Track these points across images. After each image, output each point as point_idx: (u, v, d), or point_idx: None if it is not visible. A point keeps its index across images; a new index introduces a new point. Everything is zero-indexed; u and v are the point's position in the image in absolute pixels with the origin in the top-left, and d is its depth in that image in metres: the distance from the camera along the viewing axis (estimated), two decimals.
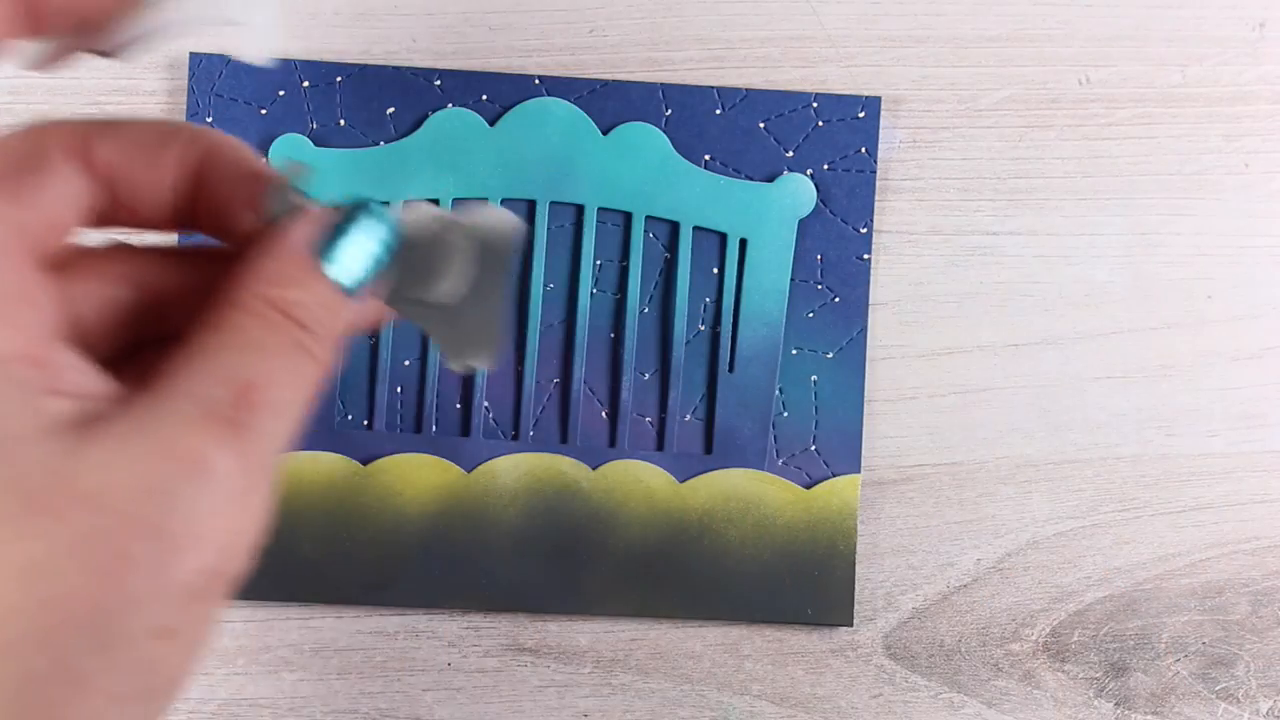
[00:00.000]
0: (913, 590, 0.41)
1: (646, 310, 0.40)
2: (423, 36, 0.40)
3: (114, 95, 0.39)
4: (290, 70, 0.39)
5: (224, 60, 0.39)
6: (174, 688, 0.26)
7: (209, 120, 0.39)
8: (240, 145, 0.30)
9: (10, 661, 0.24)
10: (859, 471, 0.40)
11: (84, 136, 0.29)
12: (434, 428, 0.40)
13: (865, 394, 0.41)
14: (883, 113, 0.41)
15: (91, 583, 0.25)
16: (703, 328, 0.40)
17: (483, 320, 0.35)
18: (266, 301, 0.28)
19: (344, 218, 0.29)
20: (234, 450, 0.26)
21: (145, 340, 0.30)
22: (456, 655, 0.40)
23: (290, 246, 0.28)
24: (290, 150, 0.39)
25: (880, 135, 0.40)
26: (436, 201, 0.39)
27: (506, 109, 0.39)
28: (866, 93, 0.40)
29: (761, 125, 0.40)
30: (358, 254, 0.29)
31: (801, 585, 0.39)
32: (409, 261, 0.33)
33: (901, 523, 0.41)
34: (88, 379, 0.26)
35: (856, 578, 0.41)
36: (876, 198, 0.40)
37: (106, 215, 0.30)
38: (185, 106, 0.40)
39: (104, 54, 0.31)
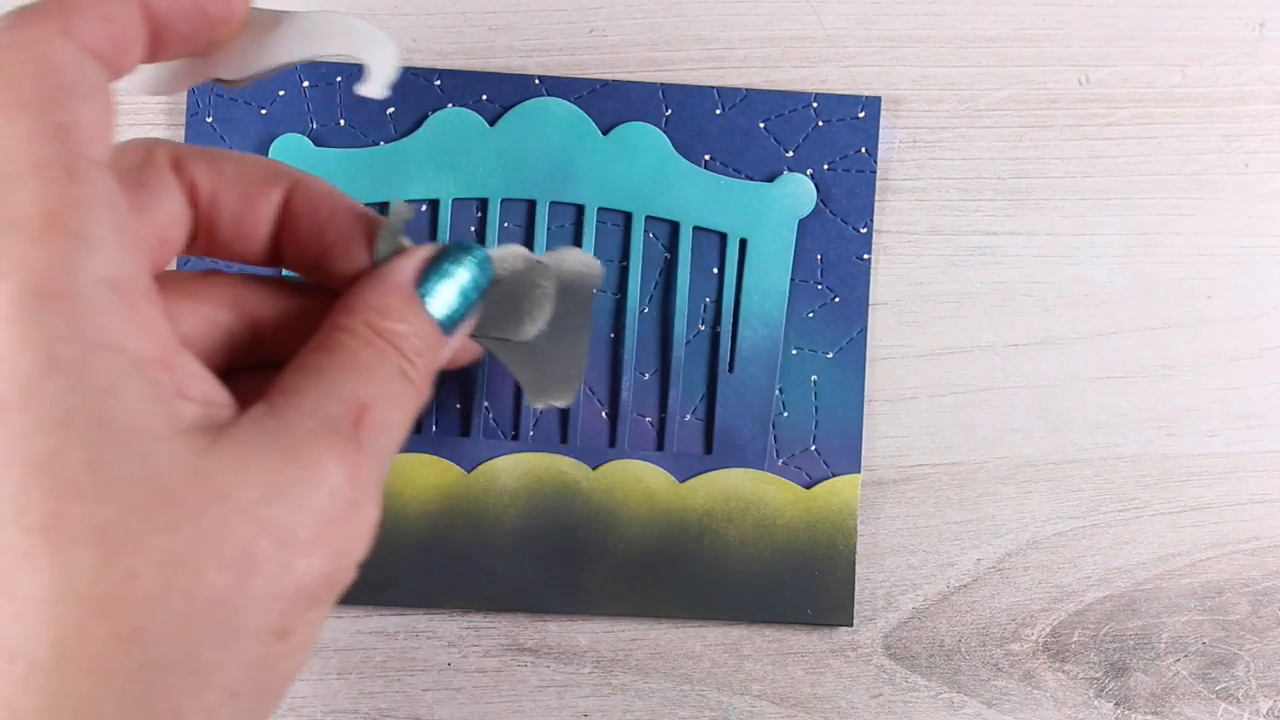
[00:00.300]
0: (913, 590, 0.41)
1: (646, 310, 0.40)
2: (422, 36, 0.40)
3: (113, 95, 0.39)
4: (290, 70, 0.39)
5: None
6: (282, 688, 0.28)
7: (209, 120, 0.39)
8: (335, 190, 0.32)
9: (141, 647, 0.25)
10: (859, 471, 0.40)
11: (186, 162, 0.31)
12: (434, 427, 0.40)
13: (865, 394, 0.41)
14: (883, 113, 0.41)
15: (221, 579, 0.26)
16: (703, 328, 0.40)
17: (565, 359, 0.36)
18: (374, 331, 0.30)
19: (441, 257, 0.32)
20: (351, 464, 0.27)
21: (238, 362, 0.32)
22: (456, 655, 0.40)
23: (396, 282, 0.31)
24: (290, 150, 0.39)
25: (880, 135, 0.40)
26: (436, 202, 0.39)
27: (506, 109, 0.39)
28: (866, 93, 0.40)
29: (761, 125, 0.40)
30: (452, 292, 0.32)
31: (801, 585, 0.39)
32: (497, 300, 0.35)
33: (901, 523, 0.41)
34: (209, 387, 0.28)
35: (856, 578, 0.41)
36: (876, 198, 0.40)
37: (198, 244, 0.32)
38: (185, 106, 0.40)
39: (226, 83, 0.32)
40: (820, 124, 0.40)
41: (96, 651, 0.25)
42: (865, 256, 0.40)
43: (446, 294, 0.32)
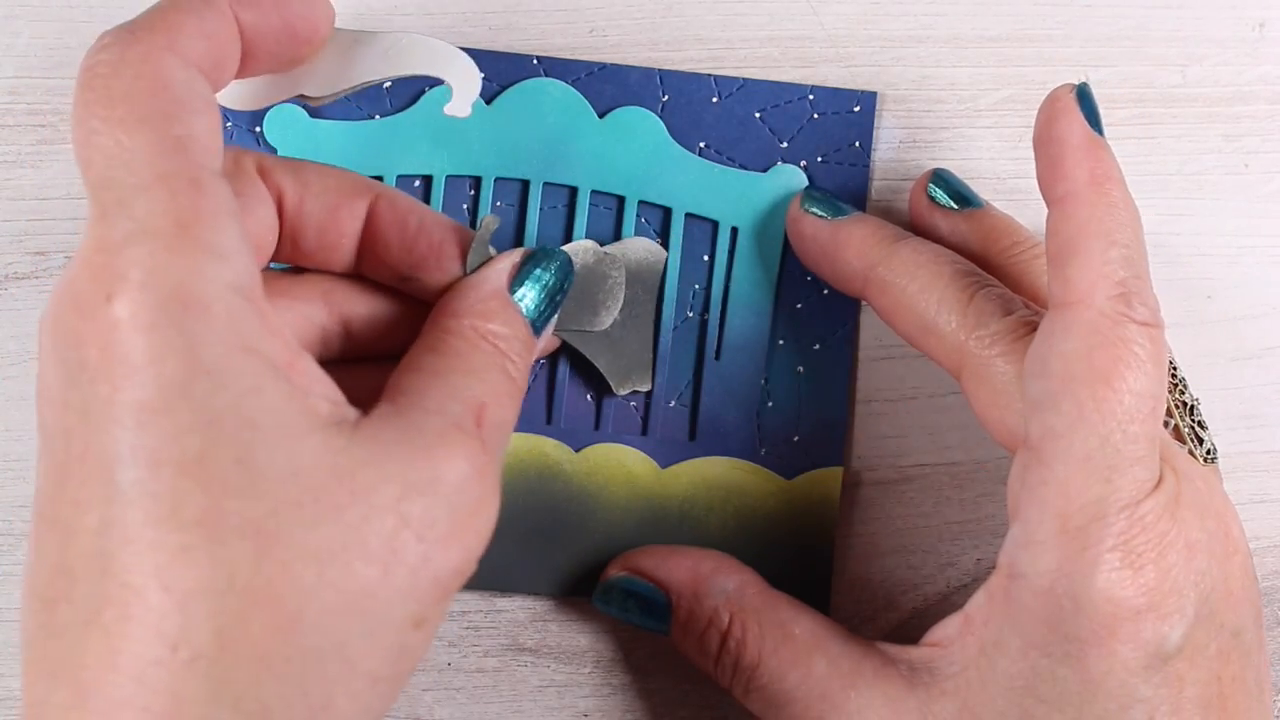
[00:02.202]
0: (913, 590, 0.41)
1: None
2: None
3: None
4: None
5: None
6: (410, 673, 0.29)
7: None
8: (418, 202, 0.34)
9: (298, 636, 0.26)
10: (841, 464, 0.40)
11: (272, 172, 0.32)
12: None
13: (865, 393, 0.41)
14: (883, 113, 0.41)
15: (369, 571, 0.27)
16: (691, 314, 0.40)
17: (639, 344, 0.38)
18: (478, 333, 0.32)
19: (529, 262, 0.34)
20: (477, 460, 0.29)
21: (328, 357, 0.34)
22: (456, 655, 0.40)
23: (494, 287, 0.33)
24: (285, 122, 0.39)
25: (880, 135, 0.40)
26: (429, 179, 0.39)
27: (504, 88, 0.39)
28: (865, 90, 0.40)
29: (757, 115, 0.40)
30: (540, 294, 0.34)
31: (780, 575, 0.39)
32: (573, 294, 0.37)
33: (901, 523, 0.41)
34: (327, 386, 0.29)
35: (856, 577, 0.41)
36: (875, 198, 0.40)
37: (281, 253, 0.33)
38: None
39: (309, 99, 0.34)
40: (815, 116, 0.40)
41: (257, 640, 0.26)
42: None
43: (535, 296, 0.34)
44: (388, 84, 0.39)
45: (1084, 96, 0.33)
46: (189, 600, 0.26)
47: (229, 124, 0.39)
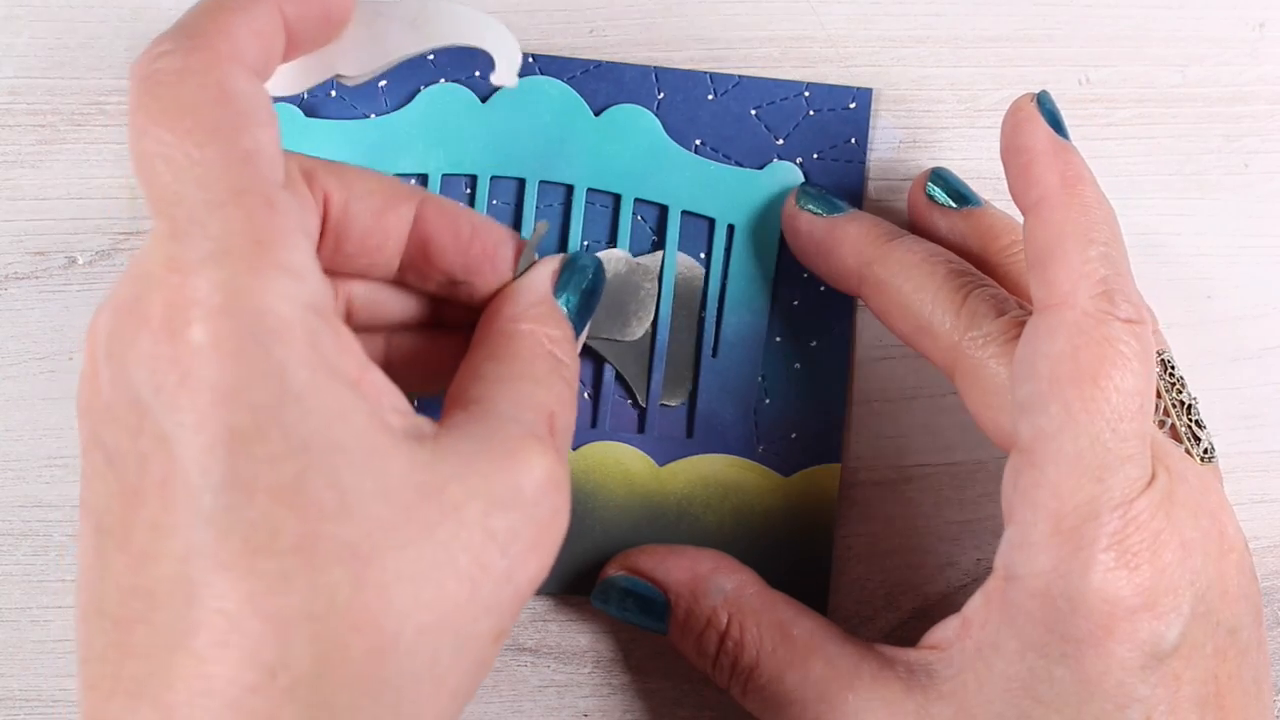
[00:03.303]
0: (913, 590, 0.41)
1: None
2: None
3: (113, 95, 0.39)
4: None
5: None
6: (481, 682, 0.29)
7: None
8: (466, 207, 0.34)
9: (396, 659, 0.26)
10: (839, 461, 0.40)
11: (317, 176, 0.32)
12: (415, 403, 0.40)
13: (864, 393, 0.41)
14: (883, 113, 0.41)
15: (459, 589, 0.27)
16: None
17: (679, 359, 0.38)
18: (536, 338, 0.32)
19: (568, 266, 0.34)
20: (553, 468, 0.29)
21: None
22: None
23: (544, 292, 0.33)
24: (281, 120, 0.39)
25: (880, 135, 0.40)
26: (425, 178, 0.39)
27: (499, 86, 0.39)
28: (861, 86, 0.40)
29: (753, 112, 0.40)
30: (578, 298, 0.34)
31: (778, 572, 0.39)
32: (604, 303, 0.38)
33: (901, 523, 0.41)
34: (397, 398, 0.29)
35: (856, 577, 0.41)
36: (875, 198, 0.40)
37: (322, 259, 0.32)
38: None
39: (346, 79, 0.34)
40: (811, 113, 0.40)
41: (356, 664, 0.26)
42: None
43: (575, 301, 0.34)
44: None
45: (1045, 104, 0.34)
46: (289, 626, 0.25)
47: None
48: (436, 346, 0.36)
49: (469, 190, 0.39)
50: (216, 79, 0.27)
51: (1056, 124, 0.34)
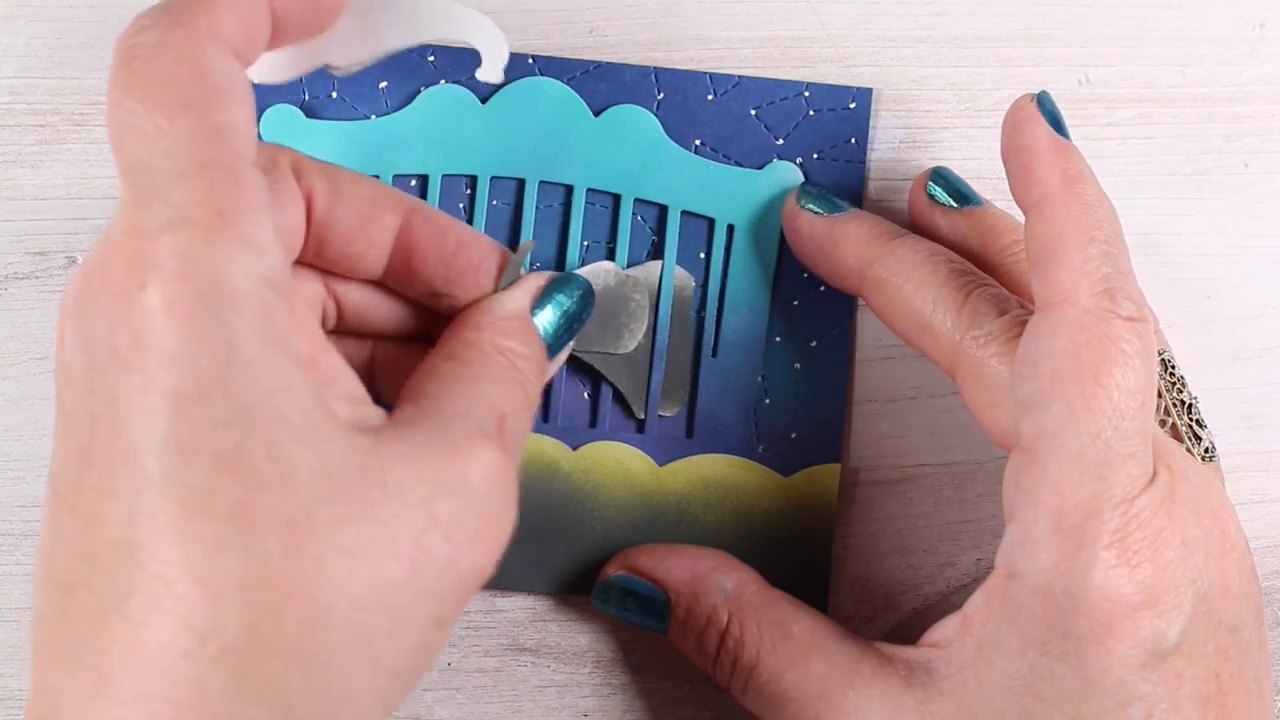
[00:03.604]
0: (913, 590, 0.41)
1: None
2: None
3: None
4: None
5: None
6: (425, 671, 0.29)
7: None
8: (454, 219, 0.34)
9: (327, 631, 0.26)
10: (839, 461, 0.40)
11: (306, 174, 0.32)
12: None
13: (864, 393, 0.41)
14: (883, 113, 0.41)
15: (397, 569, 0.27)
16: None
17: (675, 371, 0.38)
18: (496, 348, 0.32)
19: (552, 286, 0.34)
20: (501, 464, 0.29)
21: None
22: (457, 655, 0.40)
23: (517, 306, 0.33)
24: (282, 121, 0.39)
25: (880, 135, 0.40)
26: (425, 178, 0.39)
27: (499, 87, 0.39)
28: (861, 86, 0.40)
29: (753, 112, 0.40)
30: (559, 319, 0.34)
31: (778, 572, 0.39)
32: (595, 317, 0.38)
33: (901, 523, 0.41)
34: (352, 383, 0.29)
35: (856, 577, 0.41)
36: (875, 198, 0.40)
37: (304, 257, 0.33)
38: None
39: (336, 69, 0.35)
40: (811, 113, 0.40)
41: (287, 635, 0.26)
42: None
43: (554, 320, 0.34)
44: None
45: (1045, 104, 0.34)
46: (222, 593, 0.25)
47: None
48: (419, 360, 0.36)
49: (469, 191, 0.39)
50: (192, 55, 0.28)
51: (1057, 124, 0.34)
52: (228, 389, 0.26)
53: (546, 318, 0.34)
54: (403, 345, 0.36)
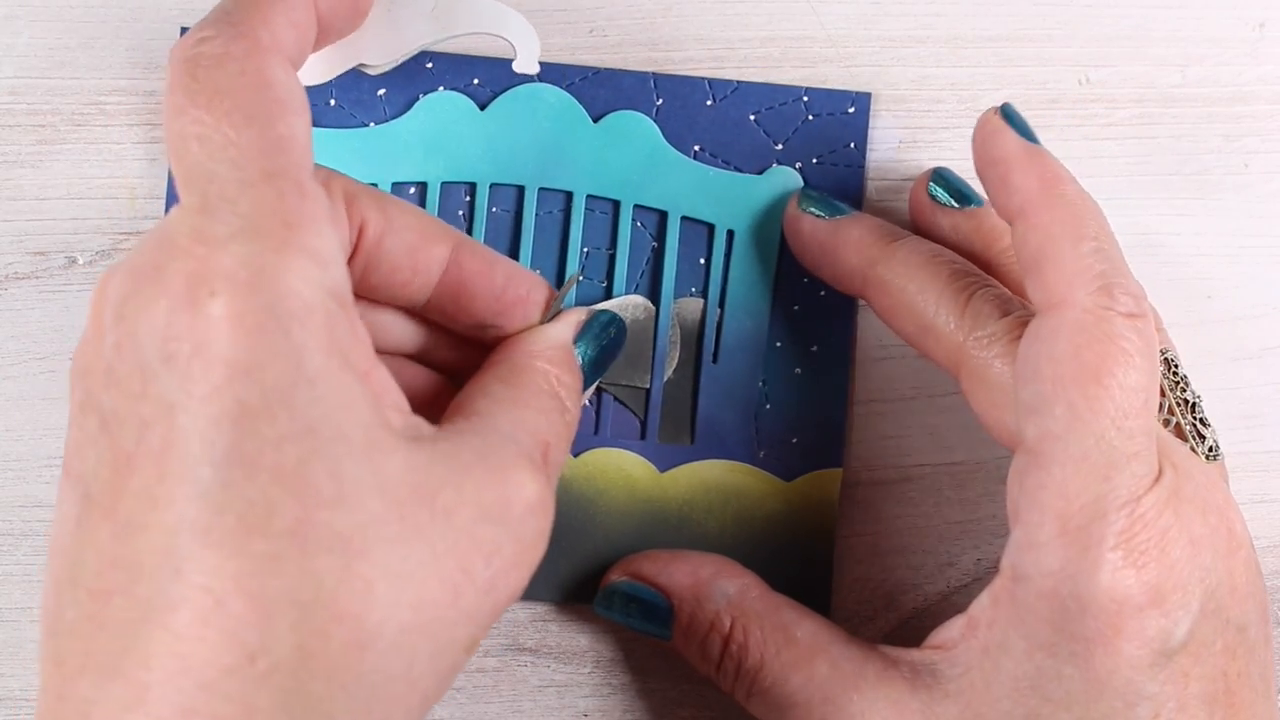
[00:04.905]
0: (913, 590, 0.41)
1: None
2: None
3: (113, 95, 0.39)
4: None
5: None
6: (447, 690, 0.29)
7: None
8: (496, 253, 0.35)
9: (373, 655, 0.26)
10: (840, 465, 0.40)
11: (359, 201, 0.32)
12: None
13: (864, 394, 0.41)
14: (883, 113, 0.41)
15: (441, 594, 0.27)
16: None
17: (683, 400, 0.38)
18: (547, 376, 0.33)
19: (593, 321, 0.36)
20: (544, 491, 0.30)
21: None
22: None
23: (564, 339, 0.34)
24: None
25: (880, 135, 0.40)
26: (424, 185, 0.39)
27: (498, 93, 0.39)
28: (861, 90, 0.40)
29: (752, 117, 0.40)
30: (596, 353, 0.35)
31: (780, 577, 0.39)
32: (623, 350, 0.38)
33: (901, 523, 0.41)
34: (399, 396, 0.29)
35: (856, 578, 0.41)
36: (875, 198, 0.40)
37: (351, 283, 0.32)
38: None
39: (369, 68, 0.35)
40: (810, 118, 0.40)
41: (335, 655, 0.26)
42: None
43: (592, 355, 0.35)
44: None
45: (1010, 115, 0.34)
46: (273, 610, 0.25)
47: None
48: (420, 379, 0.36)
49: (468, 198, 0.39)
50: (256, 66, 0.28)
51: (1025, 131, 0.34)
52: (293, 405, 0.26)
53: (586, 351, 0.35)
54: (403, 362, 0.36)
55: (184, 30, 0.39)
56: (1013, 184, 0.33)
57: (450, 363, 0.36)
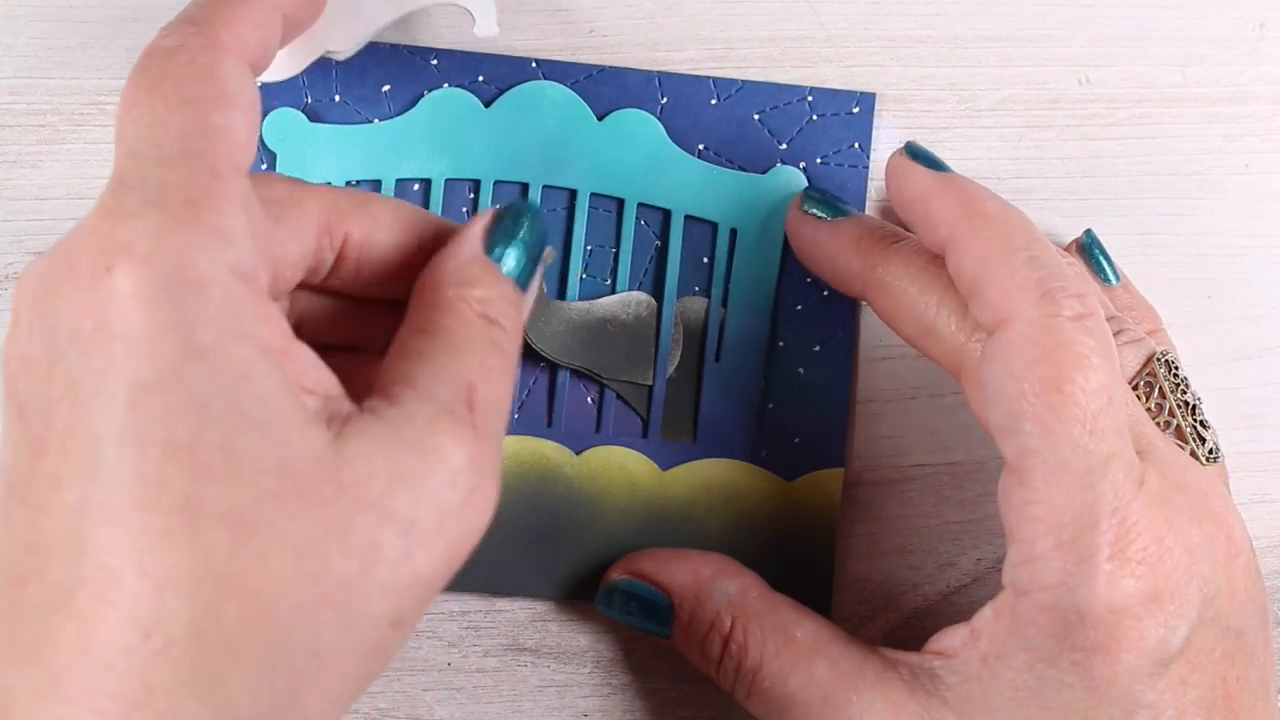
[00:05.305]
0: (913, 590, 0.41)
1: None
2: (422, 36, 0.40)
3: (113, 95, 0.39)
4: None
5: None
6: (381, 671, 0.29)
7: None
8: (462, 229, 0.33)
9: (271, 629, 0.26)
10: (842, 465, 0.40)
11: (344, 218, 0.32)
12: None
13: (865, 393, 0.41)
14: (883, 113, 0.41)
15: (347, 567, 0.27)
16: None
17: (686, 399, 0.38)
18: (463, 301, 0.30)
19: (501, 218, 0.32)
20: (469, 448, 0.28)
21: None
22: (456, 655, 0.40)
23: (471, 250, 0.31)
24: (284, 125, 0.39)
25: (880, 135, 0.40)
26: (428, 182, 0.39)
27: (502, 91, 0.39)
28: (864, 91, 0.40)
29: (756, 117, 0.40)
30: (518, 249, 0.32)
31: (781, 577, 0.39)
32: (625, 346, 0.38)
33: (901, 523, 0.41)
34: (323, 375, 0.29)
35: (856, 578, 0.41)
36: (876, 197, 0.40)
37: (333, 280, 0.33)
38: None
39: (335, 54, 0.35)
40: (814, 118, 0.40)
41: (230, 630, 0.26)
42: None
43: (515, 255, 0.32)
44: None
45: (916, 153, 0.34)
46: (166, 586, 0.25)
47: None
48: (345, 311, 0.35)
49: (472, 195, 0.39)
50: (208, 60, 0.28)
51: (935, 164, 0.34)
52: (185, 379, 0.26)
53: (506, 255, 0.32)
54: (326, 297, 0.35)
55: None
56: (934, 216, 0.33)
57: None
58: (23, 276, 0.27)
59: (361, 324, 0.34)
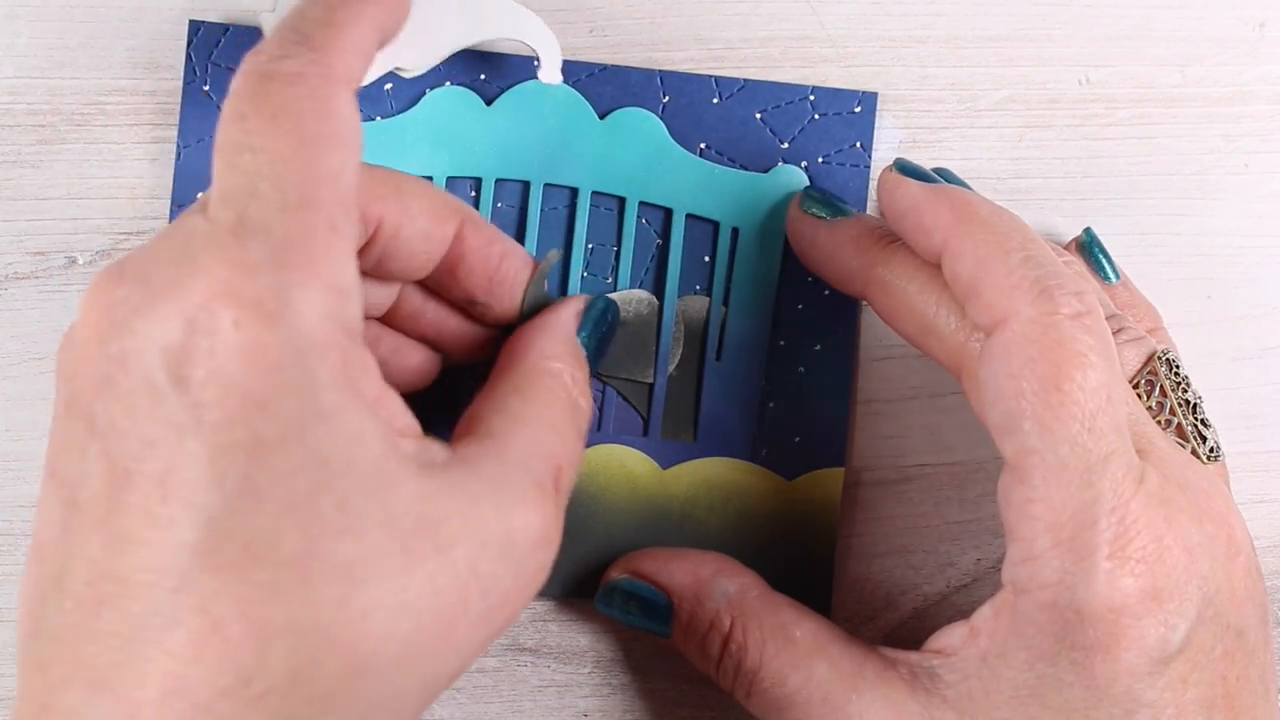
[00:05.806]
0: (913, 590, 0.41)
1: None
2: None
3: (113, 95, 0.39)
4: None
5: (222, 28, 0.39)
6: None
7: (205, 89, 0.39)
8: (496, 228, 0.35)
9: (364, 682, 0.27)
10: (842, 465, 0.40)
11: (376, 204, 0.32)
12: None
13: (865, 393, 0.41)
14: (883, 113, 0.41)
15: (435, 627, 0.28)
16: None
17: (686, 396, 0.38)
18: (561, 377, 0.33)
19: (589, 307, 0.35)
20: (551, 524, 0.30)
21: None
22: None
23: (569, 332, 0.34)
24: None
25: (881, 135, 0.40)
26: (430, 180, 0.39)
27: (504, 89, 0.39)
28: (865, 90, 0.40)
29: (758, 116, 0.40)
30: (595, 342, 0.35)
31: (781, 576, 0.39)
32: (626, 343, 0.39)
33: (901, 523, 0.41)
34: (409, 419, 0.29)
35: (856, 577, 0.41)
36: (877, 198, 0.40)
37: (365, 267, 0.33)
38: (182, 74, 0.39)
39: (404, 72, 0.36)
40: (816, 117, 0.40)
41: (327, 681, 0.26)
42: None
43: (594, 343, 0.35)
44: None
45: (906, 169, 0.35)
46: (272, 637, 0.26)
47: None
48: (414, 358, 0.37)
49: (474, 193, 0.39)
50: (326, 94, 0.28)
51: (925, 178, 0.34)
52: (306, 439, 0.26)
53: (588, 340, 0.35)
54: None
55: (193, 22, 0.39)
56: (927, 224, 0.33)
57: (439, 332, 0.37)
58: (104, 287, 0.27)
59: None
